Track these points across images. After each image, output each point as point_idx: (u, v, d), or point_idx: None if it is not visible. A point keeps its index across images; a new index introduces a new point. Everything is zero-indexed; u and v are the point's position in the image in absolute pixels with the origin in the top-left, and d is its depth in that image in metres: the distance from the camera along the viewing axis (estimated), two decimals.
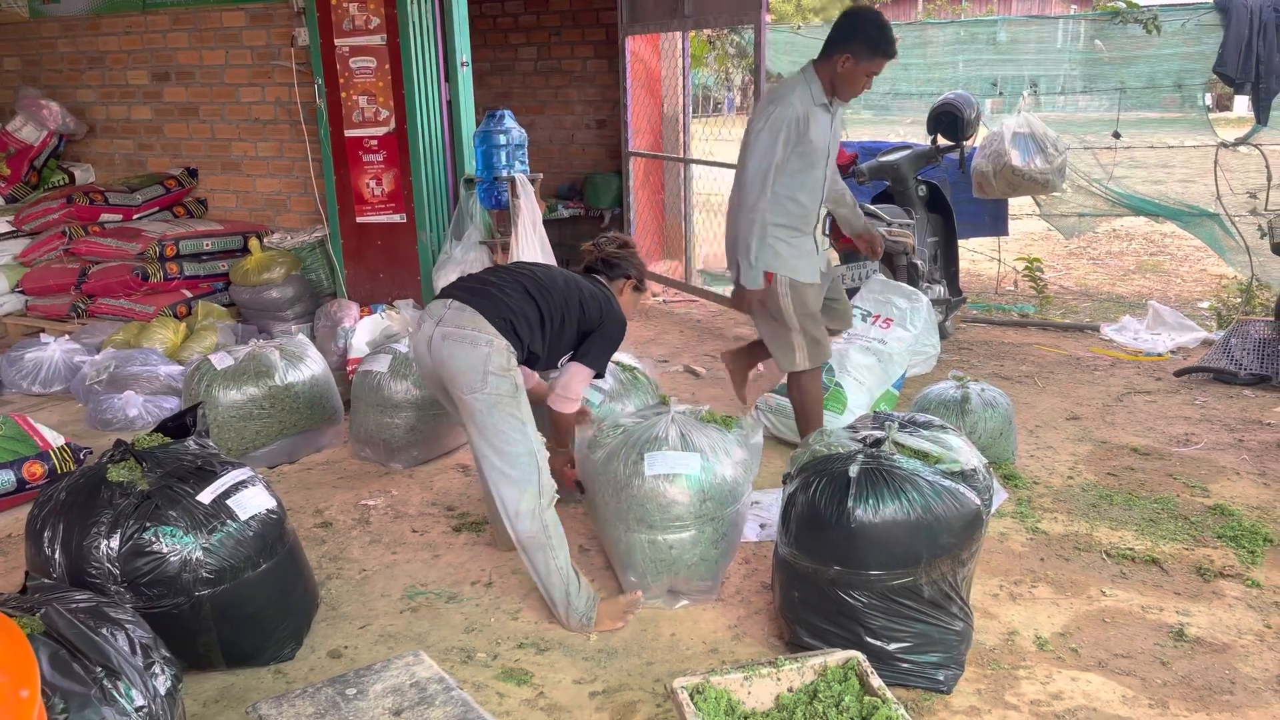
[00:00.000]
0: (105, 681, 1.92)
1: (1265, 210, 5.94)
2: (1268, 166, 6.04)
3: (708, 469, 3.00)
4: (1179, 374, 5.24)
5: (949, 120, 5.76)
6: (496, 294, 3.03)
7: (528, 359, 3.06)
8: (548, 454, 3.00)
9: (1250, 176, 6.33)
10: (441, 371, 2.98)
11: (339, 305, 5.48)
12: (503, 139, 5.42)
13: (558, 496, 2.99)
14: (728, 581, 3.22)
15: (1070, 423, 4.61)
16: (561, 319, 3.10)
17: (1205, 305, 6.71)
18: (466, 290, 3.06)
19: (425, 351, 3.02)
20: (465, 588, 3.25)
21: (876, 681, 2.07)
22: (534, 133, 5.91)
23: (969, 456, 2.72)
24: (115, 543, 2.56)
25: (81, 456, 3.90)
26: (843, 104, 3.78)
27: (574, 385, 3.20)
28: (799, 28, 8.19)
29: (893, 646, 2.61)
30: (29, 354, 5.24)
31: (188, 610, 2.62)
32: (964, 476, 2.64)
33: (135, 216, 6.25)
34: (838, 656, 2.15)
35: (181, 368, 4.92)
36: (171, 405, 4.68)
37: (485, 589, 3.24)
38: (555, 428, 3.30)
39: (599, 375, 3.24)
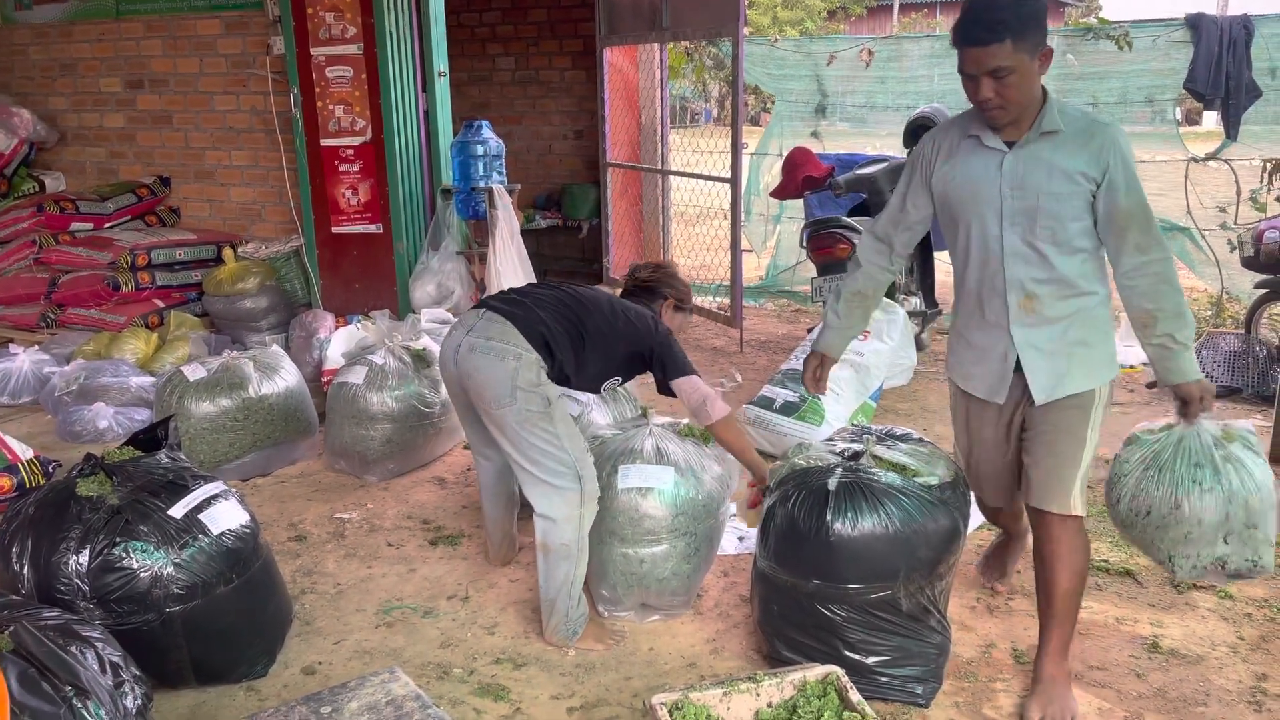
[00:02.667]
0: (74, 700, 1.88)
1: (1235, 224, 6.02)
2: (1237, 181, 6.12)
3: (682, 483, 2.98)
4: (1150, 386, 5.29)
5: (924, 133, 5.79)
6: (532, 306, 2.93)
7: (559, 378, 2.94)
8: (592, 459, 2.90)
9: (1220, 190, 6.41)
10: (467, 384, 2.90)
11: (314, 316, 5.43)
12: (480, 149, 5.41)
13: (596, 510, 2.90)
14: (706, 595, 3.21)
15: None
16: (604, 338, 2.96)
17: None
18: (502, 300, 2.97)
19: (452, 360, 2.94)
20: (441, 602, 3.22)
21: (856, 696, 2.07)
22: (511, 143, 5.91)
23: (946, 470, 2.72)
24: (84, 558, 2.52)
25: (50, 470, 3.83)
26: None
27: (697, 393, 2.96)
28: (775, 40, 8.24)
29: (871, 660, 2.61)
30: None
31: (158, 627, 2.57)
32: (942, 490, 2.65)
33: (107, 225, 6.18)
34: (817, 671, 2.14)
35: (153, 379, 4.87)
36: (143, 417, 4.62)
37: (461, 603, 3.21)
38: (731, 449, 3.07)
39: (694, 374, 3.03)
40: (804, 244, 5.45)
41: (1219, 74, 5.91)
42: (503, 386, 2.79)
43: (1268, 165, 5.93)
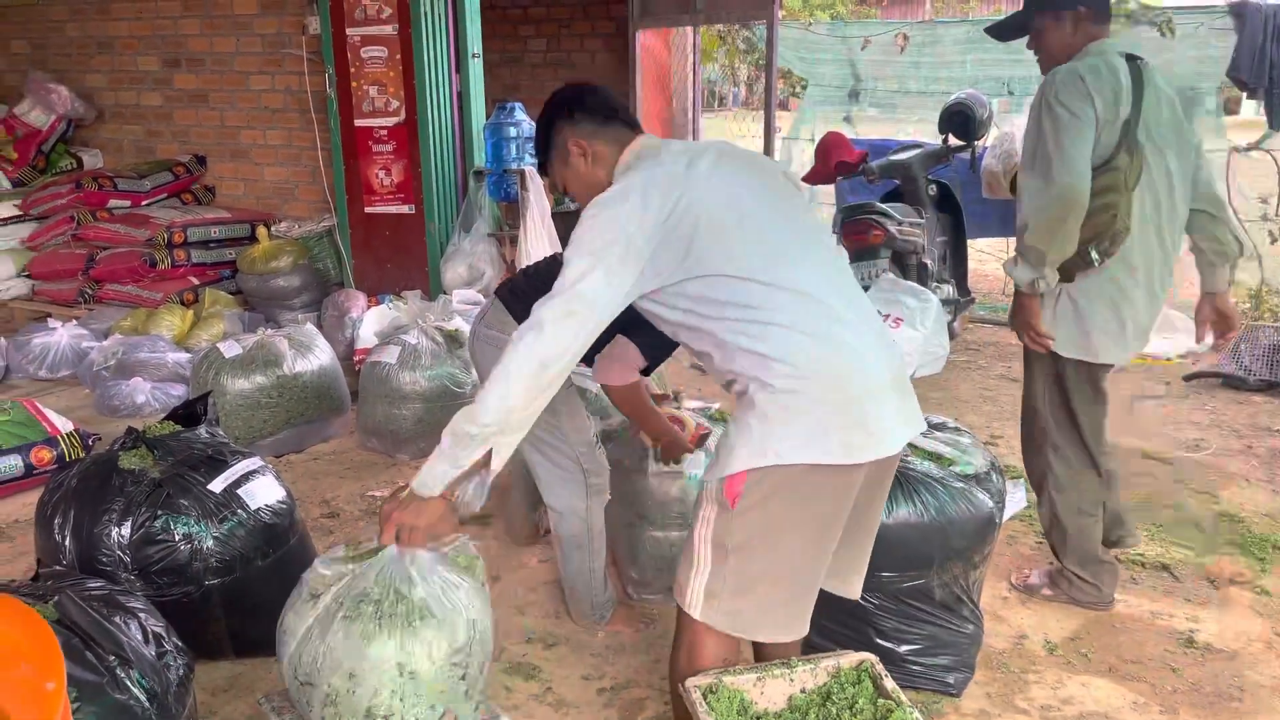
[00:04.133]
0: (118, 670, 1.91)
1: (1276, 215, 5.92)
2: None
3: (692, 485, 2.94)
4: (1188, 378, 5.23)
5: (961, 119, 5.74)
6: (541, 287, 2.82)
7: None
8: (601, 452, 2.87)
9: (1261, 181, 6.31)
10: (477, 371, 2.99)
11: (346, 295, 5.47)
12: (513, 131, 5.41)
13: (608, 498, 2.88)
14: None
15: None
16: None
17: None
18: (512, 287, 2.88)
19: (468, 347, 3.03)
20: None
21: (890, 684, 2.06)
22: None
23: (982, 459, 2.71)
24: (126, 530, 2.56)
25: (90, 443, 3.90)
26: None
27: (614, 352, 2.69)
28: (809, 24, 8.17)
29: (903, 649, 2.61)
30: (36, 339, 5.23)
31: (198, 599, 2.61)
32: (978, 479, 2.64)
33: (144, 203, 6.23)
34: (851, 658, 2.14)
35: (189, 355, 4.92)
36: (179, 392, 4.67)
37: (491, 583, 3.21)
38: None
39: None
40: (837, 229, 5.41)
41: (1263, 63, 5.80)
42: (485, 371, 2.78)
43: None
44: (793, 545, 1.93)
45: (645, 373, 2.77)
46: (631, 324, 2.64)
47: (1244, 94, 6.28)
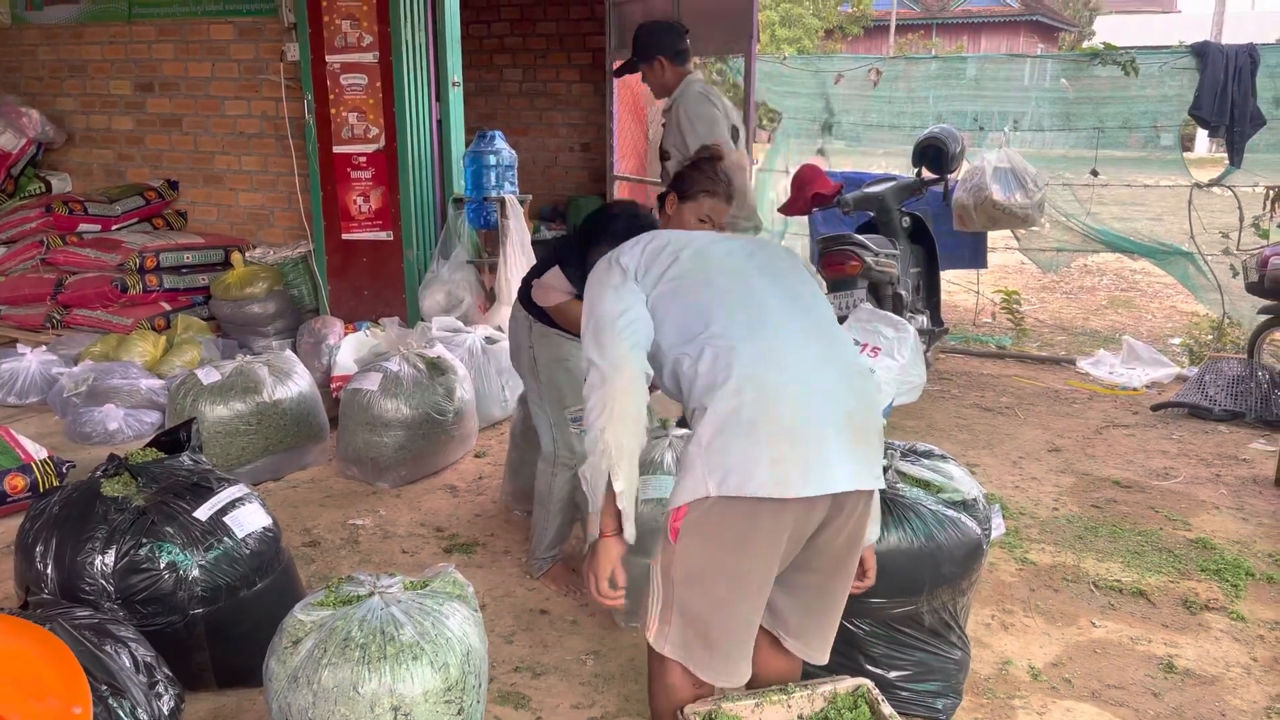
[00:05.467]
0: (110, 700, 1.88)
1: (1238, 250, 6.08)
2: (1240, 208, 6.19)
3: None
4: (1155, 408, 5.34)
5: (934, 153, 5.84)
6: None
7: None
8: (576, 437, 3.21)
9: (1221, 216, 6.48)
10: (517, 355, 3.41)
11: (323, 322, 5.44)
12: (493, 159, 5.44)
13: (571, 469, 3.22)
14: None
15: (1052, 454, 4.68)
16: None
17: (1176, 341, 6.84)
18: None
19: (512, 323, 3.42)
20: None
21: (887, 710, 2.08)
22: (518, 154, 5.93)
23: (969, 486, 2.75)
24: (110, 558, 2.52)
25: (64, 470, 3.83)
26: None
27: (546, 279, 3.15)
28: (784, 58, 8.30)
29: (893, 675, 2.62)
30: (4, 364, 5.13)
31: (182, 629, 2.57)
32: (965, 506, 2.67)
33: (114, 227, 6.16)
34: (847, 684, 2.15)
35: (162, 381, 4.85)
36: (153, 419, 4.61)
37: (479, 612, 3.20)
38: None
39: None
40: (815, 260, 5.47)
41: (1224, 102, 5.97)
42: (511, 346, 3.41)
43: (1271, 192, 6.00)
44: (720, 585, 1.95)
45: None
46: (562, 258, 3.10)
47: (1206, 131, 6.46)
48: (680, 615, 1.98)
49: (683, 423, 3.01)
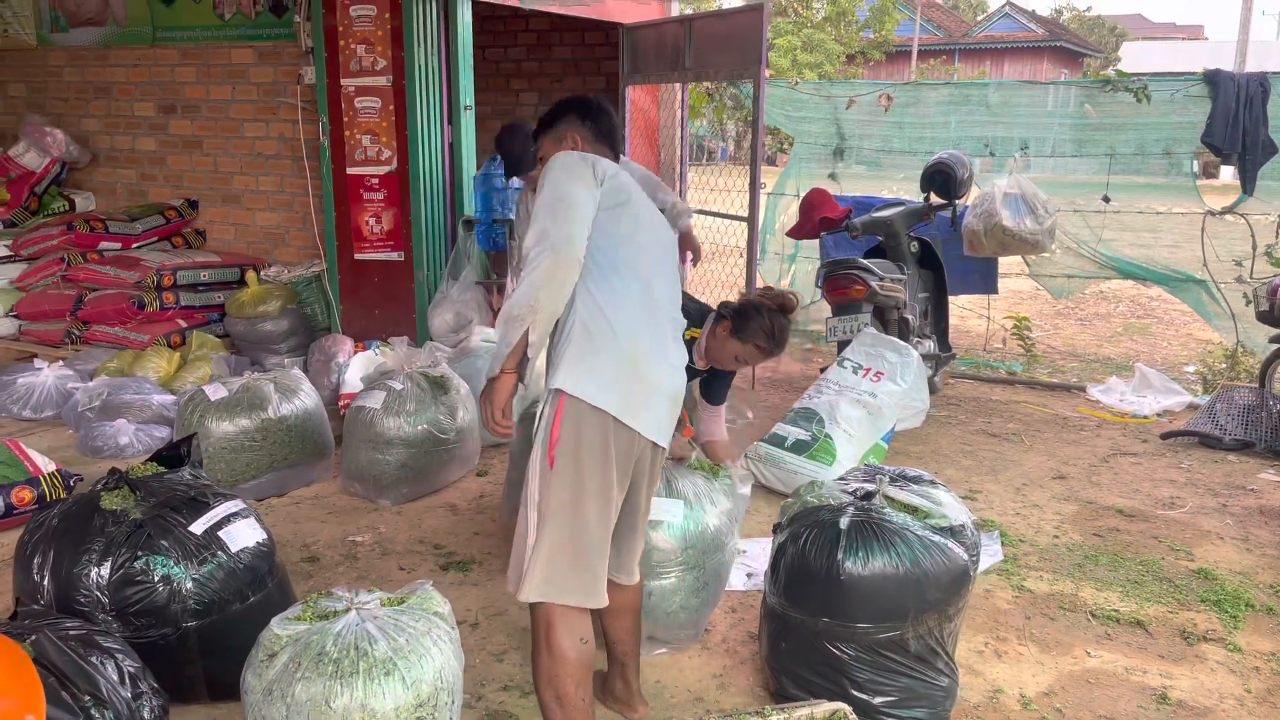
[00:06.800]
0: (93, 710, 1.91)
1: (1251, 278, 6.04)
2: (1253, 235, 6.16)
3: (691, 517, 3.00)
4: (1165, 437, 5.30)
5: (942, 179, 5.86)
6: None
7: None
8: None
9: (1236, 244, 6.45)
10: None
11: (333, 340, 5.51)
12: (502, 182, 5.50)
13: None
14: (714, 630, 3.23)
15: (1057, 481, 4.65)
16: None
17: (1190, 369, 6.78)
18: None
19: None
20: None
21: None
22: None
23: (957, 512, 2.75)
24: (105, 570, 2.56)
25: (72, 483, 3.90)
26: None
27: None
28: (796, 83, 8.34)
29: (878, 700, 2.62)
30: (21, 379, 5.23)
31: (174, 641, 2.61)
32: (952, 532, 2.67)
33: (134, 245, 6.28)
34: (824, 708, 2.15)
35: (174, 397, 4.93)
36: (163, 434, 4.68)
37: (471, 630, 3.23)
38: None
39: None
40: (820, 284, 5.49)
41: (1236, 130, 5.96)
42: None
43: None
44: (589, 507, 2.28)
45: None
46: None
47: (1220, 159, 6.44)
48: (548, 548, 2.27)
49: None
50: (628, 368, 2.31)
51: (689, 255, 4.80)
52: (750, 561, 3.64)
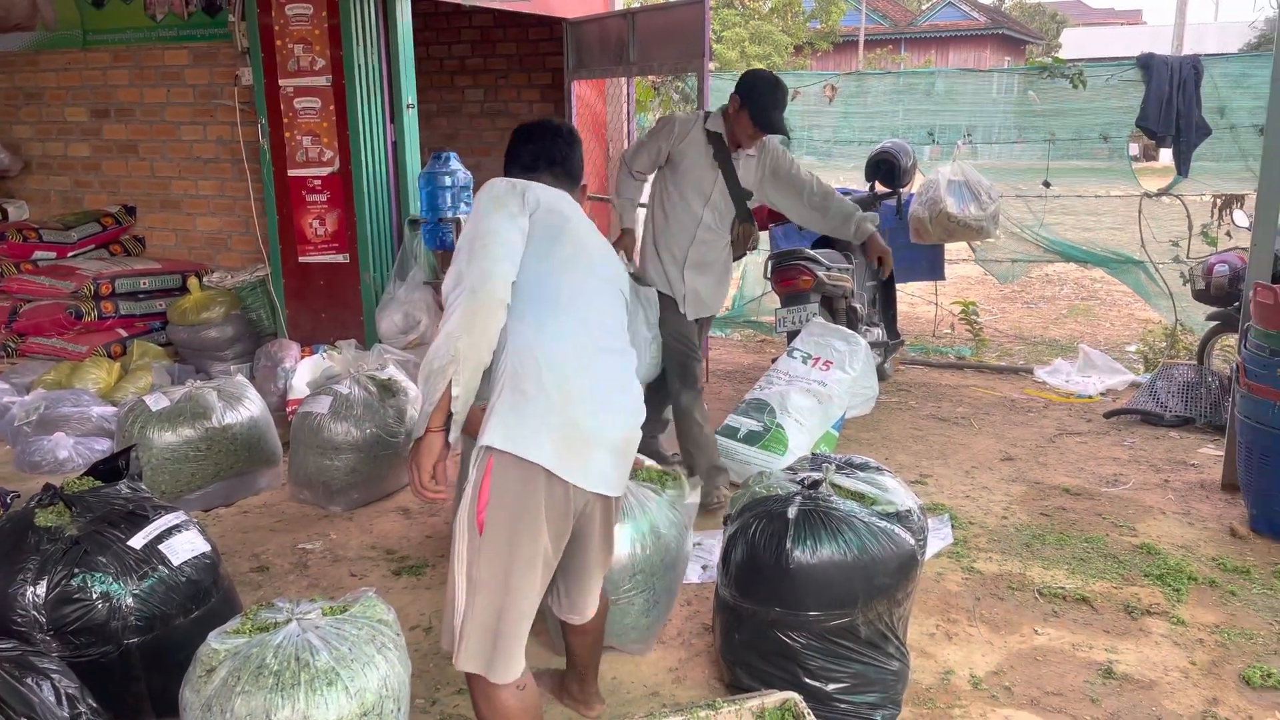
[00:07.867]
0: None
1: (1187, 258, 6.17)
2: (1189, 216, 6.29)
3: (638, 540, 2.92)
4: (1108, 416, 5.40)
5: (886, 168, 5.91)
6: None
7: None
8: None
9: (1173, 225, 6.58)
10: None
11: (279, 345, 5.42)
12: (448, 180, 5.45)
13: None
14: (669, 623, 3.23)
15: (1005, 463, 4.72)
16: None
17: (1132, 349, 6.92)
18: None
19: None
20: (404, 632, 3.19)
21: None
22: (480, 174, 5.95)
23: (904, 498, 2.77)
24: (42, 589, 2.50)
25: (9, 501, 3.80)
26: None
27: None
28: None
29: (831, 687, 2.64)
30: None
31: (116, 659, 2.55)
32: (899, 517, 2.70)
33: (70, 254, 6.13)
34: (775, 698, 2.17)
35: (114, 408, 4.82)
36: (103, 447, 4.58)
37: (425, 634, 3.20)
38: None
39: None
40: (768, 276, 5.52)
41: (1170, 113, 6.08)
42: None
43: (1217, 201, 6.10)
44: (518, 580, 2.13)
45: None
46: None
47: (1155, 142, 6.56)
48: (479, 620, 2.12)
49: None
50: (562, 414, 2.12)
51: (876, 260, 4.50)
52: (704, 554, 3.65)
